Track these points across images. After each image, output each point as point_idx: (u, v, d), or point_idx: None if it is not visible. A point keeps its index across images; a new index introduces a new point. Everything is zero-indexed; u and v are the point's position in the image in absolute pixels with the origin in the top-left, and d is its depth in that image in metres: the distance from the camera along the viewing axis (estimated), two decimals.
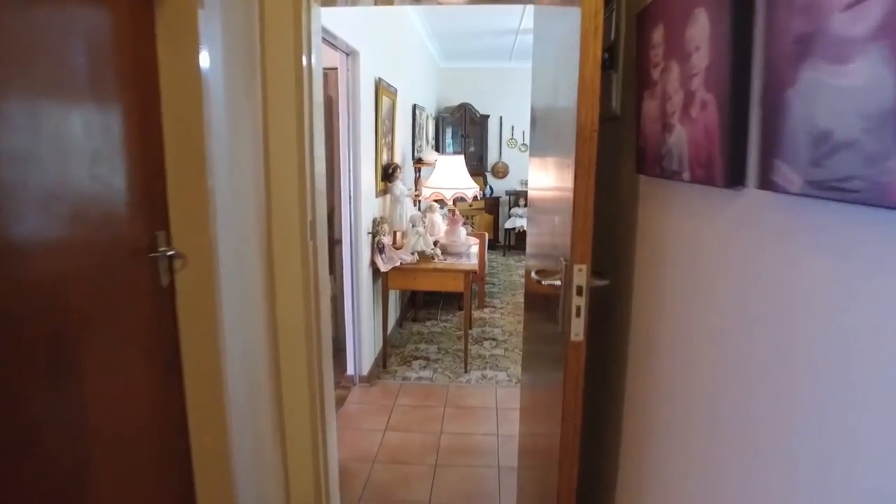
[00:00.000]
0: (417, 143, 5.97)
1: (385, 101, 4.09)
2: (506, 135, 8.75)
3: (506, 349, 4.54)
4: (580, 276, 1.15)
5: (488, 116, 8.50)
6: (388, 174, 4.22)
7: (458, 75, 8.58)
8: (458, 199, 4.53)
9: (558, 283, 1.23)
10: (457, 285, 3.87)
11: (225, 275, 1.72)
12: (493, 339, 4.76)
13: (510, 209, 8.51)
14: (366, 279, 3.79)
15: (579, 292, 1.15)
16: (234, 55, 1.83)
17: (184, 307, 1.64)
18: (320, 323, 2.30)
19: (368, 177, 3.81)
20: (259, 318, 2.04)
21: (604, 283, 1.25)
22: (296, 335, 2.18)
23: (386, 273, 3.87)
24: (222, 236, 1.69)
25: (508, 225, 8.34)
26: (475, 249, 4.36)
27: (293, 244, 2.14)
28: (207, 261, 1.62)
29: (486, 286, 6.14)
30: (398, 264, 3.85)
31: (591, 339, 1.24)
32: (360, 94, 3.45)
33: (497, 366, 4.21)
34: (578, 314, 1.15)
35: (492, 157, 8.79)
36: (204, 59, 1.55)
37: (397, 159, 4.72)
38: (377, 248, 3.82)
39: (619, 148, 1.47)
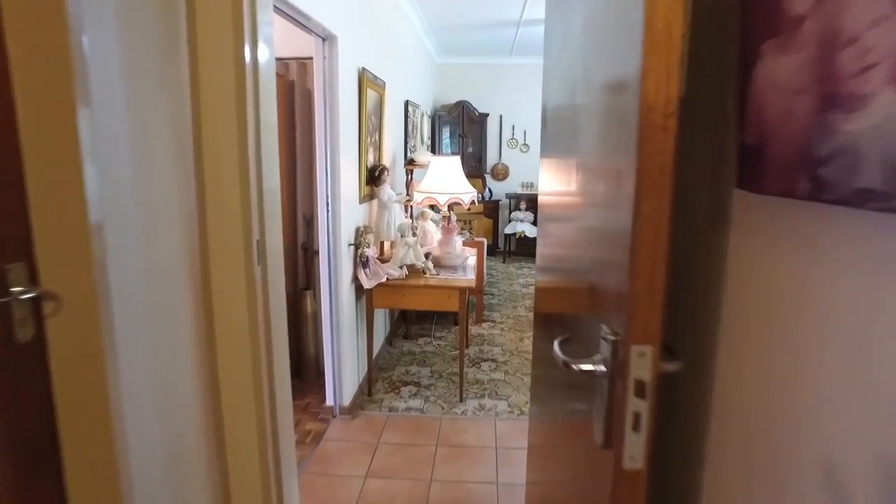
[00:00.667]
0: (411, 143, 5.50)
1: (371, 94, 3.62)
2: (506, 134, 8.29)
3: (506, 372, 4.07)
4: (642, 363, 0.68)
5: (487, 115, 8.03)
6: (374, 177, 3.75)
7: (455, 71, 8.11)
8: (454, 205, 4.06)
9: (600, 368, 0.76)
10: (451, 304, 3.40)
11: (126, 318, 1.25)
12: (493, 361, 4.29)
13: (511, 213, 8.04)
14: (347, 296, 3.32)
15: (640, 391, 0.68)
16: (142, 39, 1.36)
17: (60, 370, 1.17)
18: (274, 365, 1.83)
19: (350, 180, 3.34)
20: (187, 369, 1.57)
21: (675, 367, 0.77)
22: (241, 387, 1.71)
23: (370, 290, 3.40)
24: (120, 267, 1.22)
25: (509, 230, 7.87)
26: (473, 261, 3.89)
27: (235, 271, 1.67)
28: (92, 302, 1.15)
29: (485, 297, 5.67)
30: (384, 280, 3.38)
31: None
32: (338, 86, 2.98)
33: (497, 393, 3.74)
34: (637, 427, 0.68)
35: (491, 158, 8.32)
36: (77, 39, 1.08)
37: (386, 161, 4.25)
38: (360, 261, 3.35)
39: (683, 147, 1.00)
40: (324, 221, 3.11)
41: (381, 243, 3.93)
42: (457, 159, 3.95)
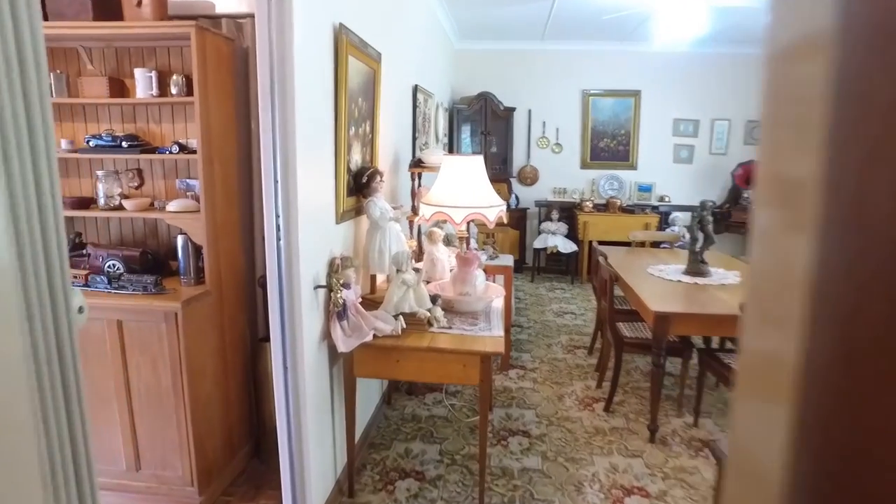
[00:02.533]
0: (421, 141, 4.41)
1: (356, 67, 2.54)
2: (535, 132, 7.14)
3: (545, 455, 2.94)
4: None
5: (514, 110, 6.90)
6: (361, 185, 2.65)
7: (477, 58, 7.00)
8: (475, 223, 2.96)
9: None
10: (468, 376, 2.29)
11: None
12: (524, 434, 3.16)
13: (540, 223, 6.90)
14: (313, 359, 2.24)
15: None
16: None
17: None
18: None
19: (320, 189, 2.25)
20: None
21: None
22: None
23: (350, 353, 2.31)
24: None
25: (538, 244, 6.72)
26: (500, 305, 2.77)
27: None
28: None
29: (512, 330, 4.55)
30: (369, 339, 2.29)
31: None
32: (293, 44, 1.89)
33: (532, 495, 2.62)
34: None
35: (518, 160, 7.19)
36: None
37: (383, 162, 3.16)
38: (333, 310, 2.25)
39: None
40: (272, 251, 2.03)
41: (372, 277, 2.83)
42: (479, 160, 2.85)
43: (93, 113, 2.75)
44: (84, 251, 2.64)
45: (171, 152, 2.50)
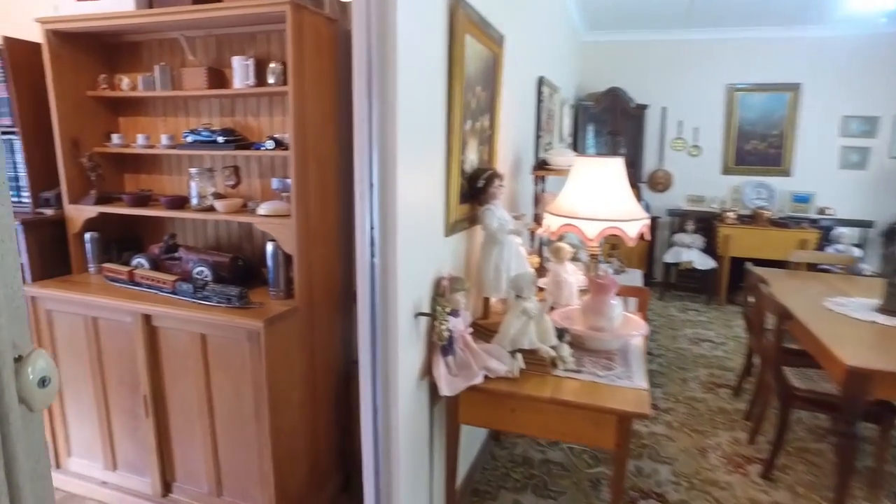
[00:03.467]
0: (544, 141, 3.91)
1: (475, 49, 2.12)
2: (670, 132, 6.35)
3: None
4: None
5: (646, 107, 6.18)
6: (476, 190, 2.23)
7: (607, 51, 6.35)
8: (611, 238, 2.44)
9: None
10: (601, 438, 1.78)
11: None
12: (660, 499, 2.57)
13: (672, 235, 6.12)
14: (409, 399, 1.85)
15: None
16: None
17: None
18: None
19: (428, 195, 1.86)
20: None
21: None
22: None
23: (455, 397, 1.88)
24: None
25: (670, 258, 5.95)
26: (639, 345, 2.22)
27: None
28: None
29: None
30: (479, 381, 1.85)
31: None
32: (397, 21, 1.50)
33: None
34: None
35: (649, 163, 6.44)
36: None
37: (502, 163, 2.71)
38: (437, 342, 1.84)
39: None
40: (365, 270, 1.65)
41: (485, 299, 2.40)
42: (618, 163, 2.32)
43: (194, 106, 2.56)
44: (176, 254, 2.45)
45: (265, 148, 2.23)
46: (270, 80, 2.22)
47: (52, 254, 2.59)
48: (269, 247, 2.19)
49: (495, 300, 2.44)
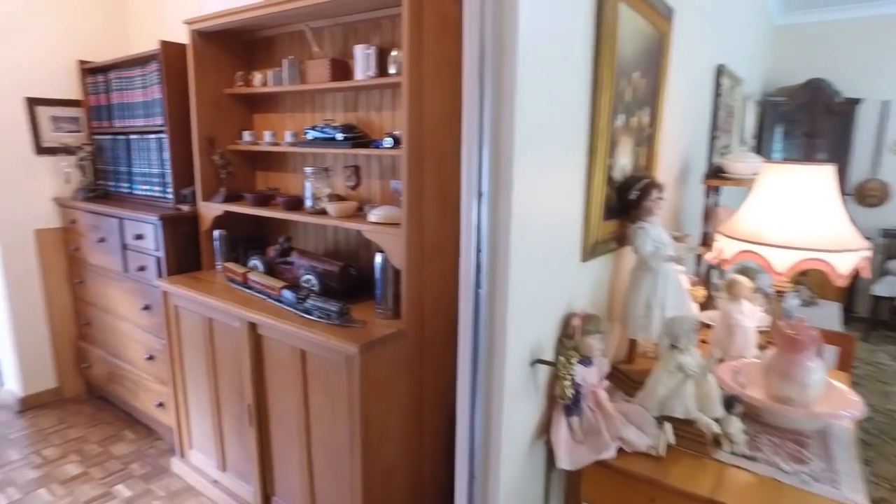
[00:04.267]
0: (721, 142, 3.25)
1: (632, 22, 1.66)
2: (891, 133, 5.13)
3: None
4: None
5: (858, 102, 5.05)
6: (627, 202, 1.78)
7: (807, 35, 5.30)
8: (807, 274, 1.83)
9: None
10: None
11: None
12: None
13: (886, 261, 4.94)
14: (518, 465, 1.47)
15: None
16: None
17: None
18: None
19: (559, 208, 1.46)
20: None
21: None
22: None
23: (577, 472, 1.46)
24: None
25: (882, 289, 4.80)
26: (848, 428, 1.60)
27: None
28: None
29: None
30: (610, 454, 1.41)
31: None
32: None
33: None
34: None
35: (858, 172, 5.27)
36: None
37: (662, 170, 2.20)
38: (559, 396, 1.44)
39: None
40: (468, 302, 1.30)
41: (632, 340, 1.92)
42: (828, 173, 1.71)
43: (320, 101, 2.42)
44: (289, 258, 2.32)
45: (383, 146, 1.99)
46: (391, 70, 1.97)
47: (187, 249, 2.61)
48: (378, 258, 1.94)
49: (641, 341, 1.95)
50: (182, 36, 2.44)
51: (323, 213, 2.14)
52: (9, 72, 3.02)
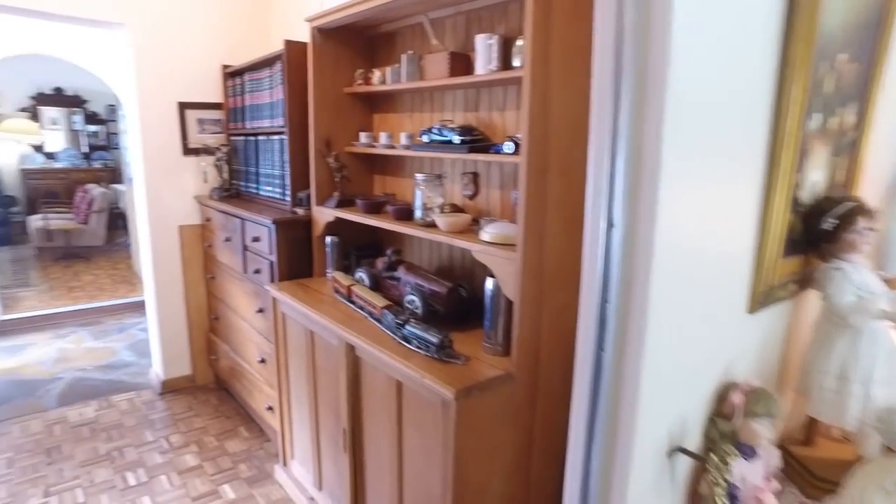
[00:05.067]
0: None
1: None
2: None
3: None
4: None
5: None
6: (818, 233, 1.31)
7: None
8: None
9: None
10: None
11: None
12: None
13: None
14: None
15: None
16: None
17: None
18: None
19: (719, 239, 1.07)
20: None
21: None
22: None
23: None
24: None
25: None
26: None
27: None
28: None
29: None
30: None
31: None
32: None
33: None
34: None
35: None
36: None
37: (868, 188, 1.66)
38: (709, 501, 1.05)
39: None
40: (586, 365, 0.97)
41: (811, 419, 1.44)
42: None
43: (439, 99, 2.19)
44: (396, 273, 2.12)
45: (502, 151, 1.70)
46: (516, 63, 1.67)
47: (299, 254, 2.54)
48: (489, 284, 1.66)
49: (823, 421, 1.46)
50: (307, 35, 2.35)
51: (432, 225, 1.90)
52: (166, 80, 3.19)
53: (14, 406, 3.34)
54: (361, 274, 2.21)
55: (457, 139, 1.88)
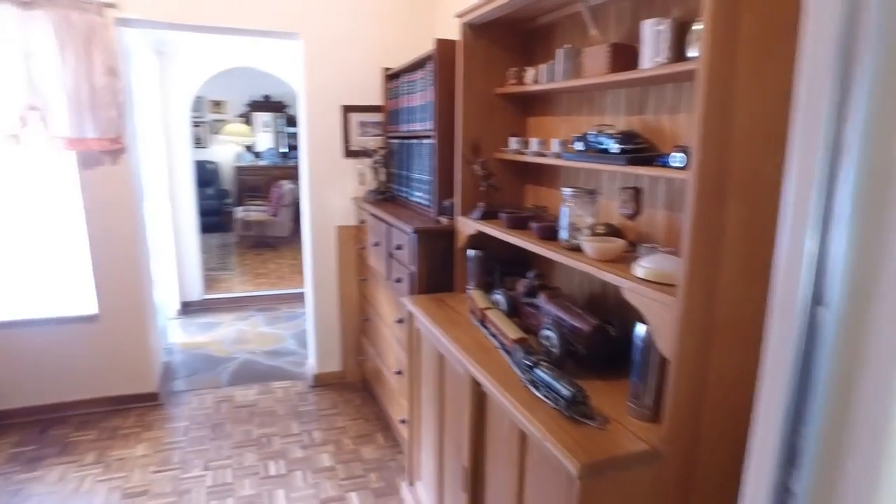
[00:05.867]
0: None
1: None
2: None
3: None
4: None
5: None
6: None
7: None
8: None
9: None
10: None
11: None
12: None
13: None
14: None
15: None
16: None
17: None
18: None
19: None
20: None
21: None
22: None
23: None
24: None
25: None
26: None
27: None
28: None
29: None
30: None
31: None
32: None
33: None
34: None
35: None
36: None
37: None
38: None
39: None
40: (764, 482, 0.64)
41: None
42: None
43: (599, 100, 1.87)
44: (536, 300, 1.86)
45: (668, 164, 1.36)
46: (690, 53, 1.32)
47: (440, 267, 2.40)
48: (639, 330, 1.33)
49: None
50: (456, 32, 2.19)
51: (578, 249, 1.61)
52: (332, 84, 3.28)
53: (198, 379, 3.71)
54: (499, 296, 1.99)
55: (615, 147, 1.57)
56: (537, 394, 1.43)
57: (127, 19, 2.89)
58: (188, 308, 5.02)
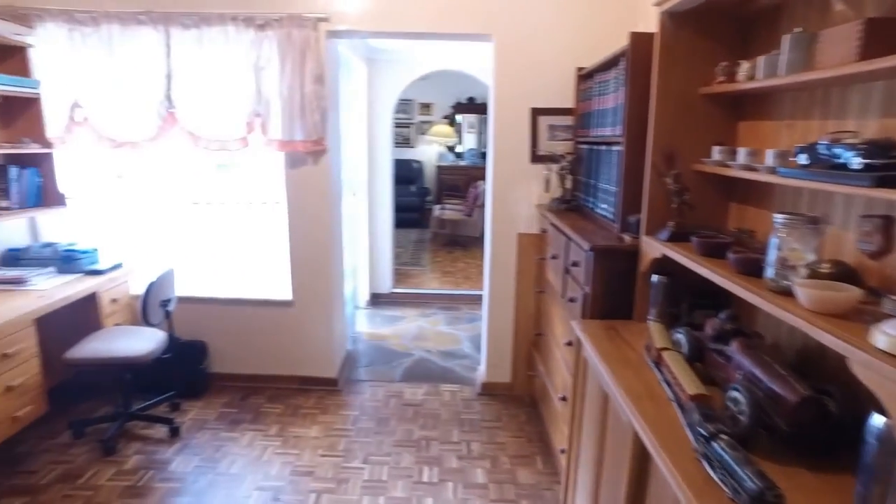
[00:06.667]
0: None
1: None
2: None
3: None
4: None
5: None
6: None
7: None
8: None
9: None
10: None
11: None
12: None
13: None
14: None
15: None
16: None
17: None
18: None
19: None
20: None
21: None
22: None
23: None
24: None
25: None
26: None
27: None
28: None
29: None
30: None
31: None
32: None
33: None
34: None
35: None
36: None
37: None
38: None
39: None
40: None
41: None
42: None
43: (839, 99, 1.44)
44: (727, 347, 1.50)
45: None
46: None
47: (618, 290, 2.12)
48: (875, 421, 0.96)
49: None
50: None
51: (787, 293, 1.24)
52: (522, 85, 3.16)
53: (374, 370, 3.89)
54: (680, 336, 1.66)
55: (856, 162, 1.17)
56: (711, 473, 1.13)
57: (337, 31, 3.10)
58: (377, 300, 5.33)
